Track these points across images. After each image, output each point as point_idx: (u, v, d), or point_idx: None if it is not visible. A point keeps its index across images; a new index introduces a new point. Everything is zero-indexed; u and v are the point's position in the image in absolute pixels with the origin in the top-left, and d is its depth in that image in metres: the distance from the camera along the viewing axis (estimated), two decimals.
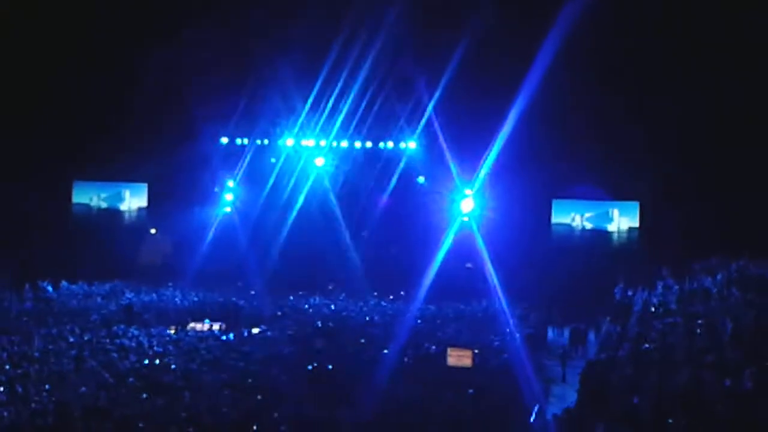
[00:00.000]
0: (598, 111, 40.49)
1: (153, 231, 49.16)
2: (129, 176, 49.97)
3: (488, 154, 41.09)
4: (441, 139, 42.88)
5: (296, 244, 44.91)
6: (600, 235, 47.21)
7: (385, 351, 28.30)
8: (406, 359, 27.51)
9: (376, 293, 41.14)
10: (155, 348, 28.72)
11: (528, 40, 36.64)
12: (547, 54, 36.12)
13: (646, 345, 23.14)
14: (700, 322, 24.91)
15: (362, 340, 30.93)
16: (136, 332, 31.02)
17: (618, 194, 45.96)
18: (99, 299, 38.21)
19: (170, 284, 41.76)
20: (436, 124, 43.11)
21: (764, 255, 33.29)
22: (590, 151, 42.12)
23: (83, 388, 23.35)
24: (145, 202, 50.67)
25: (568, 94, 39.91)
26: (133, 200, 50.92)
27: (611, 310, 33.23)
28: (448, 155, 42.83)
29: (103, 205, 51.00)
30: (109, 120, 43.58)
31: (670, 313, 27.76)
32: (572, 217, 47.74)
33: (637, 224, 46.23)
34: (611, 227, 47.16)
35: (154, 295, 40.00)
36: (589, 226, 47.51)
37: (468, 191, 42.90)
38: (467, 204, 42.70)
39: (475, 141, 41.39)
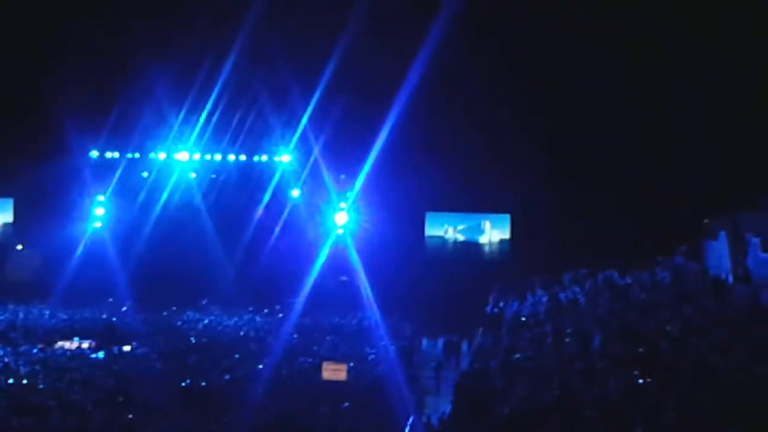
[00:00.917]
0: (470, 125, 41.22)
1: (19, 247, 47.66)
2: None
3: (362, 168, 41.32)
4: (315, 152, 42.93)
5: (169, 259, 44.12)
6: (472, 247, 47.95)
7: (260, 366, 28.09)
8: (281, 374, 27.36)
9: (251, 308, 40.77)
10: (22, 367, 27.80)
11: (401, 54, 37.03)
12: (419, 68, 36.57)
13: (517, 355, 23.55)
14: (569, 331, 25.52)
15: (236, 356, 30.60)
16: (1, 352, 29.98)
17: (489, 207, 46.75)
18: None
19: (38, 301, 40.50)
20: (310, 138, 43.12)
21: (630, 265, 34.48)
22: (463, 164, 42.84)
23: None
24: (11, 217, 49.03)
25: (441, 109, 40.54)
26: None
27: (483, 321, 33.75)
28: (322, 168, 42.93)
29: None
30: None
31: (540, 323, 28.35)
32: (445, 229, 48.37)
33: (508, 236, 47.10)
34: (483, 239, 47.98)
35: (20, 313, 38.75)
36: (461, 238, 48.20)
37: (342, 204, 42.99)
38: (341, 217, 42.78)
39: (349, 154, 41.60)
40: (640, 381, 17.67)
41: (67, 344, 32.86)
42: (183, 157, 46.22)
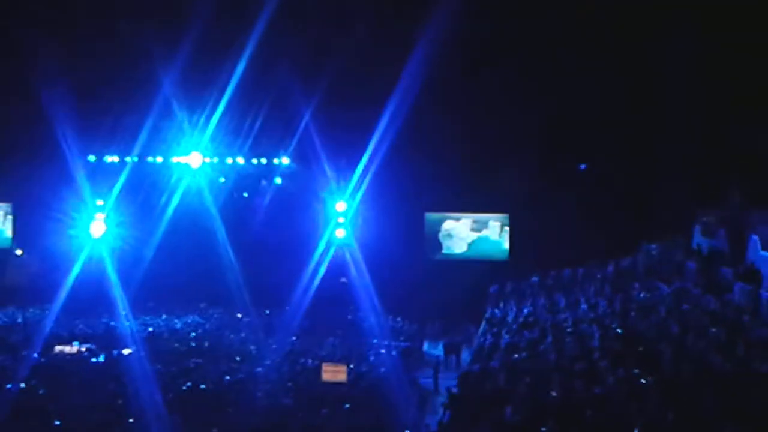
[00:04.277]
0: (467, 126, 41.28)
1: (18, 252, 47.64)
2: None
3: (361, 167, 41.47)
4: (316, 153, 42.87)
5: (170, 261, 44.15)
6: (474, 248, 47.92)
7: (259, 369, 28.11)
8: (281, 376, 27.36)
9: (251, 310, 40.81)
10: (22, 372, 27.77)
11: (397, 54, 37.14)
12: (416, 64, 36.73)
13: (517, 355, 23.55)
14: (569, 331, 25.55)
15: (237, 358, 30.61)
16: (0, 356, 29.98)
17: (488, 207, 46.71)
18: None
19: (37, 306, 40.51)
20: (312, 139, 42.99)
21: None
22: (462, 163, 42.90)
23: None
24: (10, 221, 48.98)
25: (439, 109, 40.60)
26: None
27: (484, 322, 33.78)
28: (324, 169, 42.95)
29: None
30: None
31: (540, 323, 28.37)
32: (446, 230, 48.26)
33: (507, 236, 47.04)
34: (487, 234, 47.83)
35: (19, 317, 38.75)
36: (465, 243, 48.06)
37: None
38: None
39: (348, 154, 41.67)
40: (642, 381, 17.68)
41: (66, 348, 32.82)
42: (183, 160, 46.00)
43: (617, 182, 41.34)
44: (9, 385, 25.77)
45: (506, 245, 46.67)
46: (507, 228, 46.74)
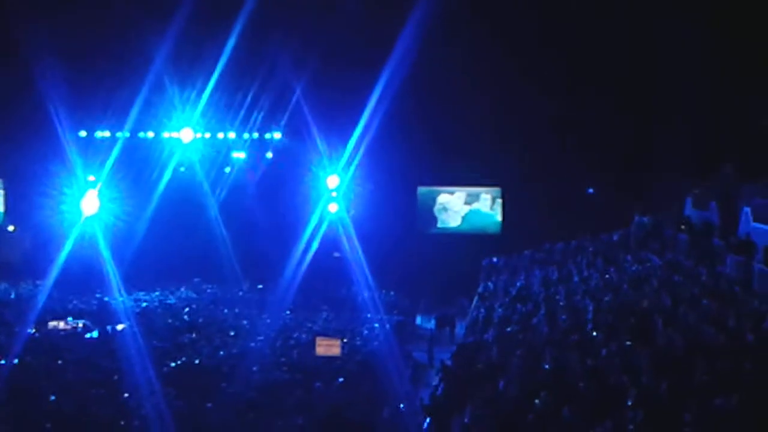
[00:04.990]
0: (462, 97, 41.23)
1: (11, 228, 47.54)
2: None
3: (354, 141, 41.43)
4: (308, 127, 42.79)
5: (163, 237, 44.16)
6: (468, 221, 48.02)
7: (253, 344, 28.16)
8: (275, 350, 27.43)
9: (246, 285, 40.92)
10: (15, 347, 27.75)
11: (390, 27, 37.01)
12: (408, 40, 36.61)
13: (510, 328, 23.60)
14: (562, 304, 25.61)
15: (231, 333, 30.66)
16: None
17: (481, 180, 46.75)
18: None
19: (30, 282, 40.49)
20: (304, 113, 42.86)
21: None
22: (453, 137, 42.86)
23: None
24: (2, 197, 48.82)
25: (433, 82, 40.55)
26: None
27: (476, 295, 33.85)
28: (316, 144, 42.89)
29: None
30: None
31: (534, 296, 28.43)
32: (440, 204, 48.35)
33: (499, 209, 47.12)
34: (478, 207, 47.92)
35: (12, 293, 38.72)
36: (458, 216, 48.15)
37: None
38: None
39: (340, 128, 41.61)
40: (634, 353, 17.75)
41: (60, 324, 32.80)
42: (174, 135, 45.91)
43: (609, 155, 41.35)
44: (2, 361, 25.78)
45: (498, 217, 46.78)
46: (499, 200, 46.81)
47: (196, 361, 25.65)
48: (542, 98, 40.23)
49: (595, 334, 20.47)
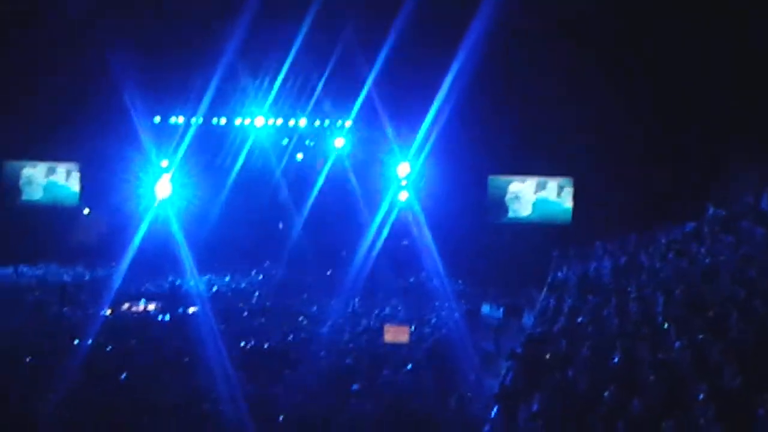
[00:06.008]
0: (532, 88, 40.85)
1: (86, 211, 48.39)
2: (59, 155, 49.00)
3: (424, 130, 41.36)
4: (378, 115, 42.83)
5: (235, 221, 44.67)
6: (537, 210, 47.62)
7: (322, 329, 28.34)
8: (343, 336, 27.58)
9: (313, 270, 41.19)
10: (91, 328, 28.31)
11: (461, 16, 36.84)
12: (482, 28, 36.43)
13: (580, 319, 23.40)
14: (633, 296, 25.29)
15: (300, 318, 30.90)
16: (69, 313, 30.58)
17: (552, 170, 46.30)
18: (33, 281, 37.71)
19: (104, 265, 41.22)
20: (375, 101, 42.91)
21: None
22: (524, 126, 42.54)
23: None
24: (77, 181, 49.65)
25: (504, 72, 40.27)
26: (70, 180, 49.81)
27: (546, 285, 33.58)
28: (386, 132, 42.93)
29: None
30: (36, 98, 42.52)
31: (604, 287, 28.13)
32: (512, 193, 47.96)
33: (569, 198, 46.63)
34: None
35: (88, 276, 39.45)
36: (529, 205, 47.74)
37: (404, 165, 43.23)
38: (404, 169, 43.14)
39: (411, 116, 41.55)
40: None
41: (134, 306, 33.41)
42: (248, 122, 46.39)
43: (684, 144, 40.67)
44: (77, 342, 26.31)
45: (568, 205, 46.27)
46: (568, 189, 46.28)
47: (266, 346, 25.91)
48: (619, 90, 39.64)
49: (666, 326, 20.18)
